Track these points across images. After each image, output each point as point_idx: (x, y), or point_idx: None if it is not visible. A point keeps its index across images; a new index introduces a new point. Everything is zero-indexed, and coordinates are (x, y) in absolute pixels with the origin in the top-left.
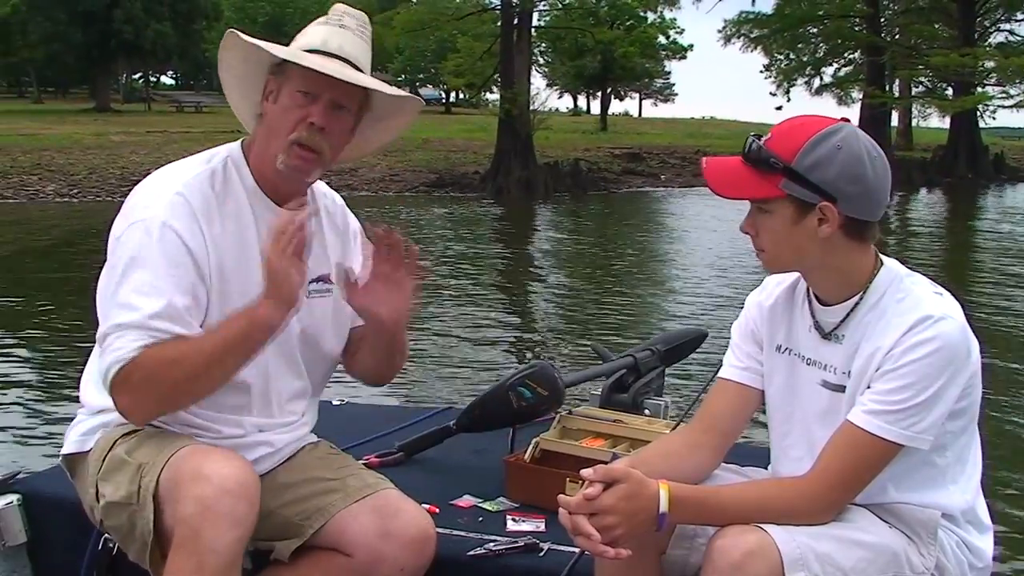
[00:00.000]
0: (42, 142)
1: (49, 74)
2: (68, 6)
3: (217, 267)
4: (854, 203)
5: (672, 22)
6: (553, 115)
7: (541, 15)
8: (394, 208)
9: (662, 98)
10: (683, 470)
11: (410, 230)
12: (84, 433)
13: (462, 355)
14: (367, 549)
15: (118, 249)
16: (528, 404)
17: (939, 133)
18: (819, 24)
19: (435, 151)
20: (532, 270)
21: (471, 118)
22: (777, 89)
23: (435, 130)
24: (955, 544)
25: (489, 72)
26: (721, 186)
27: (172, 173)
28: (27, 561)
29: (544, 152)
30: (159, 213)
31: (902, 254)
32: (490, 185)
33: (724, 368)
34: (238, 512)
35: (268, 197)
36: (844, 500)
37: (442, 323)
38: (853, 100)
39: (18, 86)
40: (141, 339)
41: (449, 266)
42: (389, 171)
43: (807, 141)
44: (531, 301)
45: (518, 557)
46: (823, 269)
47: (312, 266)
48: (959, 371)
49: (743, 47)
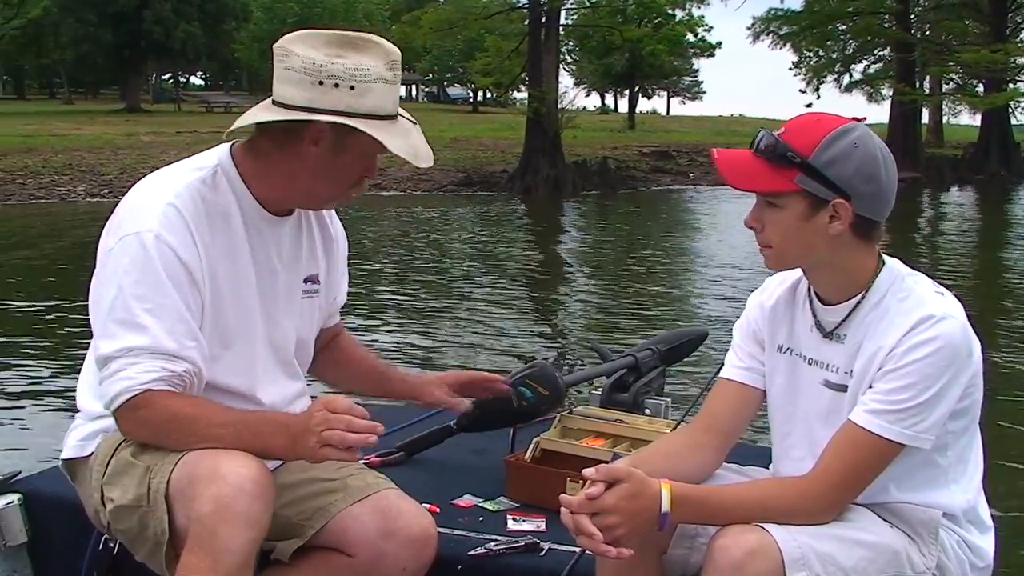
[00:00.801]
0: (73, 142)
1: (80, 75)
2: (98, 7)
3: (210, 275)
4: (867, 202)
5: (700, 19)
6: (581, 114)
7: (569, 13)
8: (423, 207)
9: (690, 96)
10: (684, 470)
11: (437, 229)
12: (83, 438)
13: (483, 354)
14: (368, 549)
15: (111, 261)
16: (529, 404)
17: (970, 130)
18: (849, 21)
19: (463, 150)
20: (558, 269)
21: (499, 117)
22: (807, 86)
23: (463, 129)
24: (956, 544)
25: (517, 71)
26: (735, 177)
27: (162, 182)
28: (27, 561)
29: (572, 151)
30: (152, 226)
31: (933, 254)
32: (518, 184)
33: (725, 368)
34: (254, 512)
35: (265, 209)
36: (846, 500)
37: (464, 322)
38: (883, 97)
39: (49, 87)
40: (154, 371)
41: (474, 264)
42: (417, 170)
43: (825, 137)
44: (555, 301)
45: (519, 557)
46: (828, 267)
47: (304, 267)
48: (961, 371)
49: (772, 44)
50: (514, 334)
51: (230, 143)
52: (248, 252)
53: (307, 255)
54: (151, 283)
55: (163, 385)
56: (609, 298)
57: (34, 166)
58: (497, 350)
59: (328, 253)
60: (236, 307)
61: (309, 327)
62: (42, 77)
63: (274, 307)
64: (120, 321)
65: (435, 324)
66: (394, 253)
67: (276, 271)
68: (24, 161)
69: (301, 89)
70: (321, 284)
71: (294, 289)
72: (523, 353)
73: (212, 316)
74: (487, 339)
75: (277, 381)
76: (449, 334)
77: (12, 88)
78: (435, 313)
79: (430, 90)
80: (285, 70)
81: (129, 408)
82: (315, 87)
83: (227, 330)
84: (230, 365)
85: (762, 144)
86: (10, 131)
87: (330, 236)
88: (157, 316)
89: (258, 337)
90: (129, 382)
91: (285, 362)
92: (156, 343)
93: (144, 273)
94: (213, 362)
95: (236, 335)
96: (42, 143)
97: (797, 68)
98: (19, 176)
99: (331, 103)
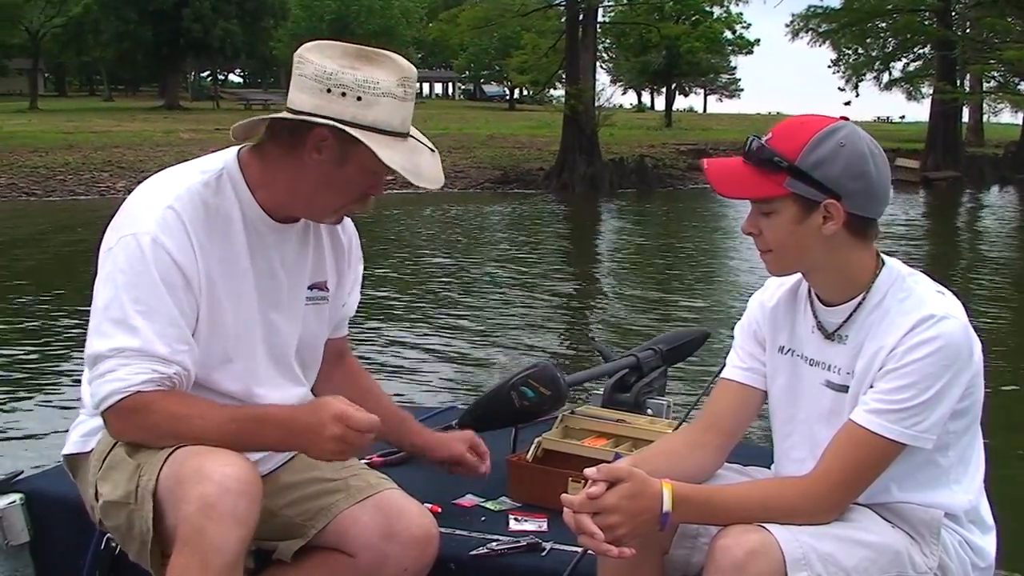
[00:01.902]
0: (113, 139)
1: (120, 72)
2: (138, 5)
3: (207, 279)
4: (858, 200)
5: (738, 17)
6: (617, 111)
7: (606, 11)
8: (458, 205)
9: (727, 94)
10: (686, 470)
11: (473, 227)
12: (85, 434)
13: (507, 354)
14: (370, 549)
15: (108, 262)
16: (530, 404)
17: (1012, 129)
18: (888, 18)
19: (499, 148)
20: (594, 268)
21: (535, 115)
22: (845, 84)
23: (499, 127)
24: (958, 544)
25: (554, 68)
26: (724, 186)
27: (165, 183)
28: (30, 560)
29: (609, 149)
30: (150, 228)
31: (973, 258)
32: (555, 182)
33: (727, 368)
34: (240, 511)
35: (269, 215)
36: (847, 500)
37: (490, 321)
38: (923, 95)
39: (90, 84)
40: (144, 374)
41: (508, 263)
42: (454, 168)
43: (810, 139)
44: (586, 303)
45: (520, 556)
46: (826, 268)
47: (310, 274)
48: (962, 370)
49: (811, 42)
50: (544, 333)
51: (238, 147)
52: (248, 257)
53: (313, 262)
54: (146, 285)
55: (153, 386)
56: (644, 299)
57: (74, 163)
58: (524, 347)
59: (338, 262)
60: (234, 311)
61: (315, 333)
62: (83, 74)
63: (275, 313)
64: (114, 320)
65: (469, 321)
66: (428, 249)
67: (278, 277)
68: (65, 158)
69: (310, 96)
70: (330, 292)
71: (297, 295)
72: (555, 352)
73: (209, 320)
74: (518, 337)
75: (278, 385)
76: (480, 332)
77: (54, 85)
78: (467, 311)
79: (466, 88)
80: (299, 76)
81: (119, 409)
82: (323, 94)
83: (225, 334)
84: (229, 369)
85: (749, 150)
86: (51, 128)
87: (341, 245)
88: (150, 319)
89: (258, 341)
90: (119, 383)
91: (286, 366)
92: (148, 346)
93: (139, 275)
94: (212, 366)
95: (234, 339)
96: (82, 140)
97: (836, 66)
98: (59, 173)
99: (336, 111)
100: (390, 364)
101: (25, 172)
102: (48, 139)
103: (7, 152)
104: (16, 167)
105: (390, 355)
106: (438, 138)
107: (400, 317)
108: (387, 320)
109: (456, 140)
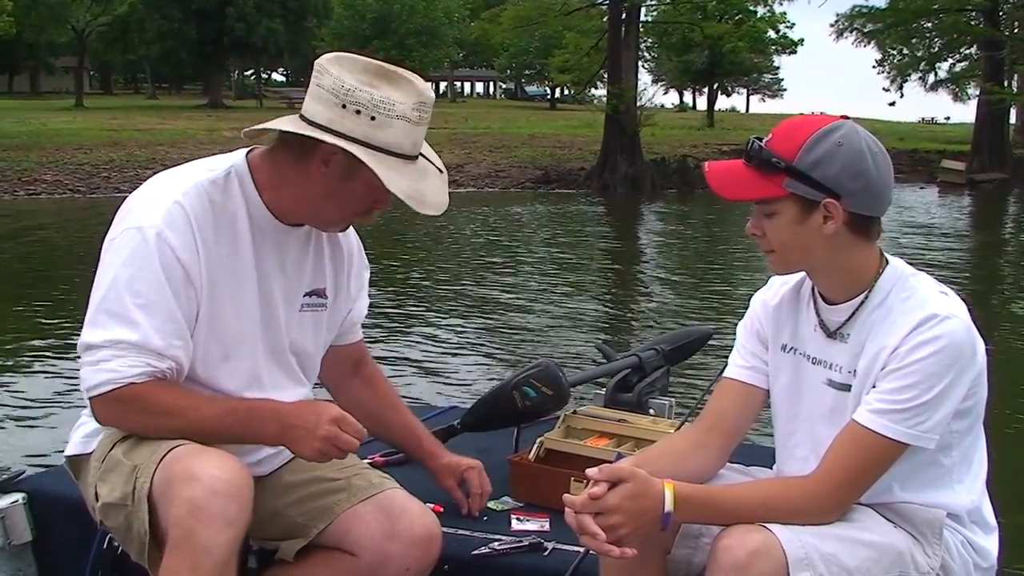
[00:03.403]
0: (157, 137)
1: (164, 71)
2: (183, 4)
3: (209, 276)
4: (858, 199)
5: (782, 16)
6: (659, 111)
7: (648, 10)
8: (498, 206)
9: (770, 93)
10: (688, 469)
11: (514, 229)
12: (87, 435)
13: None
14: (372, 549)
15: (110, 253)
16: (532, 403)
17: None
18: (935, 18)
19: (540, 147)
20: (634, 270)
21: (576, 114)
22: (890, 85)
23: (540, 126)
24: (960, 544)
25: (595, 68)
26: (724, 188)
27: (173, 179)
28: (32, 560)
29: (650, 148)
30: (156, 222)
31: (1021, 260)
32: (596, 182)
33: (729, 367)
34: (229, 512)
35: (275, 217)
36: (850, 500)
37: (525, 323)
38: (969, 96)
39: (134, 82)
40: (139, 367)
41: (548, 265)
42: (495, 167)
43: (808, 139)
44: (625, 307)
45: (522, 556)
46: (829, 268)
47: (308, 280)
48: (965, 370)
49: (856, 42)
50: (584, 333)
51: (248, 148)
52: (252, 257)
53: (312, 268)
54: (147, 279)
55: (145, 378)
56: (683, 300)
57: (118, 160)
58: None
59: (337, 268)
60: (236, 310)
61: (312, 341)
62: (128, 72)
63: (275, 313)
64: (111, 312)
65: (504, 322)
66: (467, 249)
67: (279, 278)
68: (109, 155)
69: (325, 108)
70: (328, 300)
71: (293, 300)
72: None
73: (209, 318)
74: (552, 336)
75: (278, 385)
76: (516, 331)
77: (99, 83)
78: (504, 311)
79: (507, 87)
80: (316, 87)
81: (109, 399)
82: (337, 109)
83: (226, 332)
84: (229, 368)
85: (751, 152)
86: (96, 125)
87: (341, 253)
88: (148, 313)
89: (258, 341)
90: (112, 374)
91: (287, 366)
92: (144, 339)
93: (141, 268)
94: (212, 364)
95: (235, 337)
96: (127, 137)
97: (881, 66)
98: (104, 170)
99: (348, 128)
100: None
101: (70, 169)
102: (93, 136)
103: (53, 149)
104: (61, 164)
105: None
106: (479, 137)
107: (429, 317)
108: (416, 318)
109: (497, 139)
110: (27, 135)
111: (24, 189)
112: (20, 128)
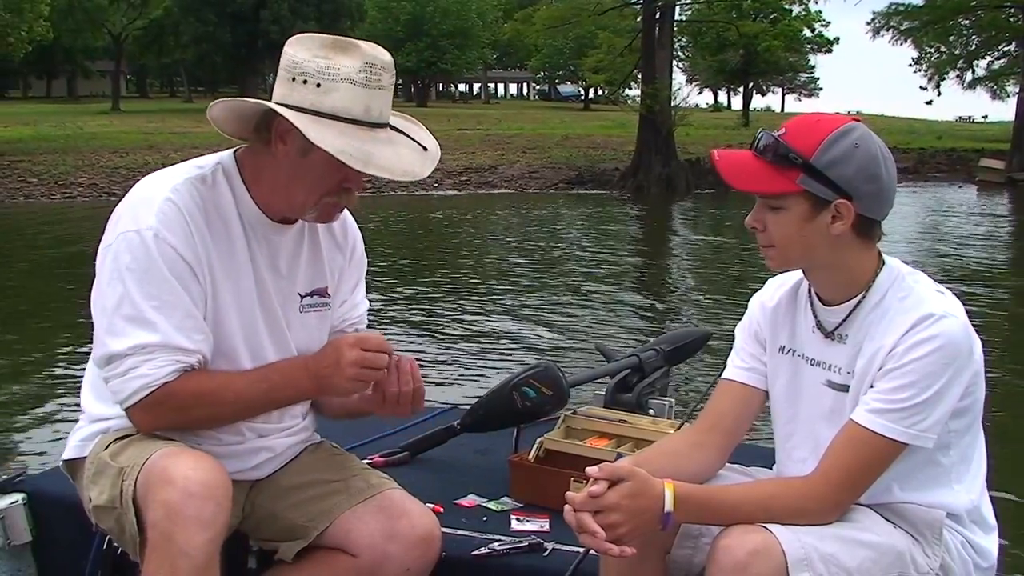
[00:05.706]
0: (192, 140)
1: (199, 73)
2: (217, 7)
3: (209, 272)
4: (868, 202)
5: (818, 15)
6: (694, 111)
7: (683, 9)
8: (532, 207)
9: (806, 92)
10: (687, 470)
11: (546, 229)
12: (84, 439)
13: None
14: (372, 550)
15: (110, 260)
16: (532, 404)
17: None
18: (972, 15)
19: (574, 148)
20: (667, 273)
21: (610, 114)
22: (928, 83)
23: (574, 127)
24: (960, 544)
25: (629, 68)
26: (736, 179)
27: (161, 178)
28: (32, 560)
29: (685, 149)
30: (151, 223)
31: None
32: (630, 182)
33: (728, 369)
34: (205, 514)
35: (265, 214)
36: (849, 500)
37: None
38: (1008, 94)
39: (170, 86)
40: (169, 364)
41: (581, 266)
42: (528, 168)
43: (826, 138)
44: (655, 311)
45: (522, 556)
46: (829, 268)
47: (309, 279)
48: (962, 369)
49: (892, 40)
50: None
51: (236, 146)
52: (246, 251)
53: (310, 267)
54: (156, 281)
55: (178, 375)
56: (715, 305)
57: (154, 163)
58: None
59: (337, 265)
60: (236, 305)
61: (318, 340)
62: (163, 76)
63: (274, 314)
64: (128, 318)
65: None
66: (500, 251)
67: (273, 279)
68: (144, 158)
69: (279, 86)
70: (331, 298)
71: (291, 301)
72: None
73: (214, 312)
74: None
75: None
76: (550, 331)
77: (135, 87)
78: (538, 313)
79: (541, 88)
80: (279, 69)
81: (148, 404)
82: (289, 83)
83: (231, 328)
84: (237, 363)
85: (762, 144)
86: (132, 128)
87: (341, 249)
88: (165, 313)
89: (263, 335)
90: (144, 379)
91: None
92: (168, 339)
93: (147, 272)
94: (219, 360)
95: (240, 332)
96: (162, 140)
97: (918, 64)
98: (139, 173)
99: (297, 100)
100: None
101: (106, 172)
102: (129, 140)
103: (89, 152)
104: (97, 167)
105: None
106: (512, 138)
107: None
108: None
109: (531, 140)
110: (64, 139)
111: (60, 192)
112: (57, 132)
